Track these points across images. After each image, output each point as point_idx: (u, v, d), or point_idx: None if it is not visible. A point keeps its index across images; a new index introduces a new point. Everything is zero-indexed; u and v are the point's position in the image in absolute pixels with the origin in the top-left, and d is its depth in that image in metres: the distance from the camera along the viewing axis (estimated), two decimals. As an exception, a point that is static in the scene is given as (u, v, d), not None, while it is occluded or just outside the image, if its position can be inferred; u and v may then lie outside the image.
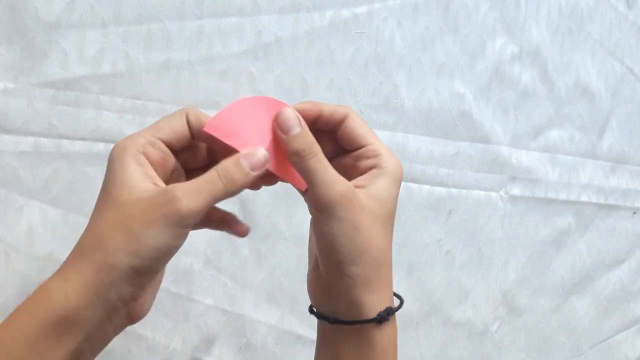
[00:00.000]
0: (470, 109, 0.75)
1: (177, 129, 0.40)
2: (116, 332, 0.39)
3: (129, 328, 0.58)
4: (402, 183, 0.71)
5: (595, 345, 0.90)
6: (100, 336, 0.37)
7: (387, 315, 0.41)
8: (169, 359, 0.60)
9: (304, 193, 0.43)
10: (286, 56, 0.64)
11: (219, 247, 0.62)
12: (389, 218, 0.42)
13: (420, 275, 0.73)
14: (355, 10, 0.67)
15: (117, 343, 0.57)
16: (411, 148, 0.72)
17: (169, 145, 0.40)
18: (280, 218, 0.65)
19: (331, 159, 0.43)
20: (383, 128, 0.70)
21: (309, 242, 0.46)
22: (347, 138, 0.43)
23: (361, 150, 0.43)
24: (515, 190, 0.80)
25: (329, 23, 0.66)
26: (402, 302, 0.43)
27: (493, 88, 0.77)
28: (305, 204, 0.43)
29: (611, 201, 0.89)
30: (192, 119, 0.41)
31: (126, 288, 0.36)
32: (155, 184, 0.38)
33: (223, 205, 0.39)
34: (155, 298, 0.41)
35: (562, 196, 0.84)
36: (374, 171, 0.42)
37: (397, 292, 0.44)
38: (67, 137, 0.54)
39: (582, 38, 0.84)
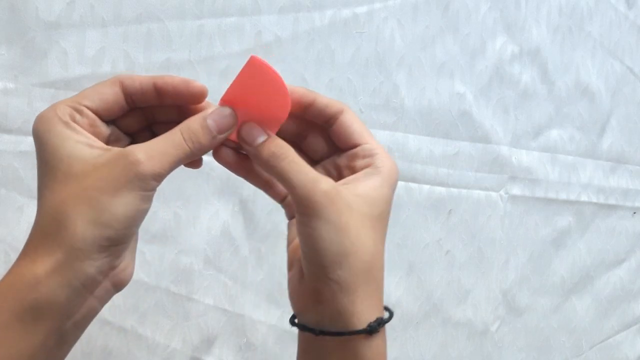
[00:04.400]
0: (471, 109, 0.75)
1: (107, 98, 0.37)
2: (103, 303, 0.37)
3: (129, 328, 0.58)
4: (402, 183, 0.72)
5: (596, 345, 0.90)
6: (84, 312, 0.36)
7: (377, 326, 0.37)
8: (169, 359, 0.60)
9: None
10: (286, 56, 0.64)
11: (219, 247, 0.62)
12: (380, 220, 0.39)
13: (420, 275, 0.73)
14: (355, 10, 0.67)
15: (117, 343, 0.57)
16: (411, 148, 0.72)
17: (97, 115, 0.37)
18: (281, 218, 0.64)
19: (324, 158, 0.42)
20: (383, 128, 0.70)
21: (288, 246, 0.43)
22: (341, 135, 0.41)
23: (356, 150, 0.41)
24: (515, 190, 0.80)
25: (329, 23, 0.66)
26: (391, 314, 0.40)
27: (493, 88, 0.77)
28: None
29: (611, 201, 0.89)
30: (128, 84, 0.37)
31: (103, 260, 0.35)
32: (101, 147, 0.36)
33: (223, 204, 0.38)
34: (135, 260, 0.39)
35: (562, 196, 0.84)
36: (366, 170, 0.40)
37: (397, 292, 0.43)
38: (67, 137, 0.54)
39: (582, 38, 0.84)
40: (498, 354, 0.80)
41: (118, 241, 0.35)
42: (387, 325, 0.39)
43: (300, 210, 0.37)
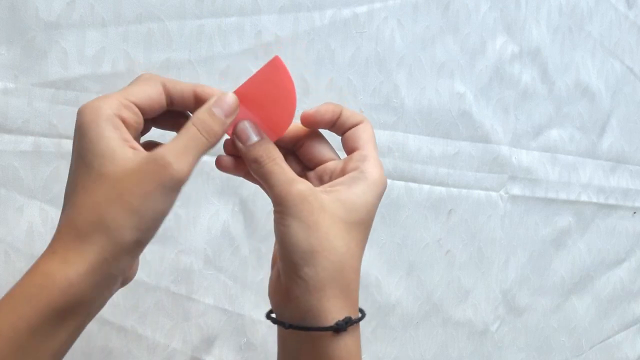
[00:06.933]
0: (471, 109, 0.75)
1: (153, 96, 0.39)
2: (111, 296, 0.39)
3: (129, 328, 0.58)
4: (402, 183, 0.72)
5: (596, 345, 0.90)
6: (99, 307, 0.37)
7: (345, 325, 0.38)
8: (169, 359, 0.60)
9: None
10: (286, 56, 0.64)
11: (219, 247, 0.62)
12: (359, 225, 0.40)
13: (420, 275, 0.73)
14: (355, 10, 0.67)
15: (117, 343, 0.57)
16: (411, 148, 0.72)
17: (142, 112, 0.39)
18: (281, 218, 0.65)
19: (318, 165, 0.44)
20: (383, 128, 0.70)
21: (274, 245, 0.44)
22: (350, 142, 0.43)
23: (353, 154, 0.42)
24: (516, 190, 0.80)
25: (329, 23, 0.66)
26: (363, 315, 0.40)
27: (493, 88, 0.77)
28: None
29: (611, 201, 0.89)
30: (170, 87, 0.40)
31: (128, 261, 0.36)
32: (133, 147, 0.37)
33: (223, 204, 0.38)
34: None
35: (562, 196, 0.84)
36: (352, 174, 0.41)
37: (397, 292, 0.43)
38: (67, 137, 0.54)
39: (582, 38, 0.84)
40: (498, 354, 0.80)
41: (147, 242, 0.37)
42: (387, 325, 0.39)
43: (276, 208, 0.40)
